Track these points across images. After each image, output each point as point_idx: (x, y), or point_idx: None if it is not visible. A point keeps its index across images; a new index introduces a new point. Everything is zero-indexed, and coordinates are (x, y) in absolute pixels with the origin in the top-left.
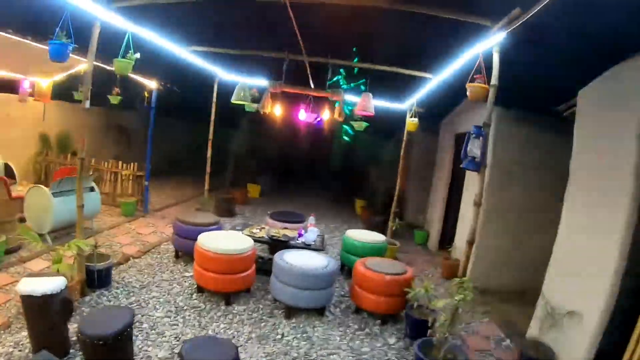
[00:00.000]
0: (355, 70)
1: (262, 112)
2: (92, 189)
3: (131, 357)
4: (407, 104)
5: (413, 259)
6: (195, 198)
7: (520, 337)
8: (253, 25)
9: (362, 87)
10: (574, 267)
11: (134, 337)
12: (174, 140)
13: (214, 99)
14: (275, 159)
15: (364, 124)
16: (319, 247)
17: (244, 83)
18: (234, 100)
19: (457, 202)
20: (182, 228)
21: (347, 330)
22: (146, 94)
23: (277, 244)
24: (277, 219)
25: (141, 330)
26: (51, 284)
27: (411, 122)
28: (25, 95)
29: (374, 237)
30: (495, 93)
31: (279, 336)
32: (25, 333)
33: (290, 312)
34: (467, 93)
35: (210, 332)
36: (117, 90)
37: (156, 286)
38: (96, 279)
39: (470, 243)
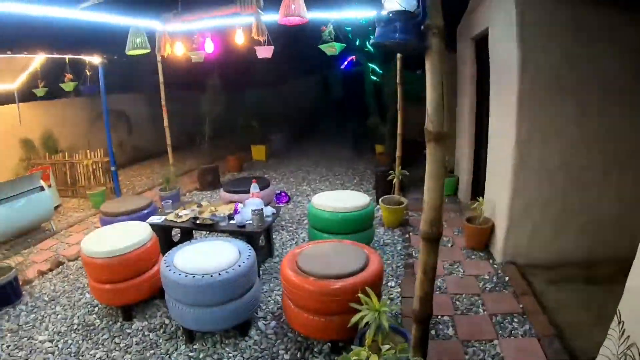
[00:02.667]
0: None
1: (161, 56)
2: (41, 189)
3: None
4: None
5: None
6: (187, 174)
7: None
8: None
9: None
10: None
11: None
12: (177, 115)
13: (159, 59)
14: (291, 114)
15: (338, 46)
16: (254, 230)
17: (136, 27)
18: (129, 51)
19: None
20: (106, 222)
21: None
22: (88, 72)
23: (202, 230)
24: (230, 191)
25: None
26: None
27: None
28: None
29: (352, 200)
30: None
31: None
32: None
33: (192, 334)
34: None
35: None
36: (69, 76)
37: (66, 297)
38: None
39: (429, 238)
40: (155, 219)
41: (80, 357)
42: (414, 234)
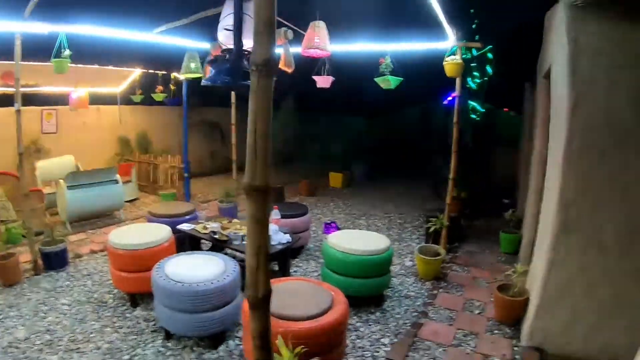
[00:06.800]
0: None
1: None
2: (115, 182)
3: None
4: (451, 39)
5: (470, 279)
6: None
7: None
8: None
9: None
10: None
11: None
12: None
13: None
14: (379, 144)
15: (393, 80)
16: None
17: (192, 51)
18: (183, 74)
19: None
20: (151, 221)
21: None
22: (172, 86)
23: (218, 244)
24: None
25: (34, 314)
26: None
27: (450, 63)
28: (75, 104)
29: (370, 243)
30: None
31: (126, 357)
32: None
33: (170, 332)
34: None
35: (78, 331)
36: (159, 88)
37: (99, 276)
38: (44, 261)
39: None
40: (185, 226)
41: (83, 324)
42: (444, 291)
